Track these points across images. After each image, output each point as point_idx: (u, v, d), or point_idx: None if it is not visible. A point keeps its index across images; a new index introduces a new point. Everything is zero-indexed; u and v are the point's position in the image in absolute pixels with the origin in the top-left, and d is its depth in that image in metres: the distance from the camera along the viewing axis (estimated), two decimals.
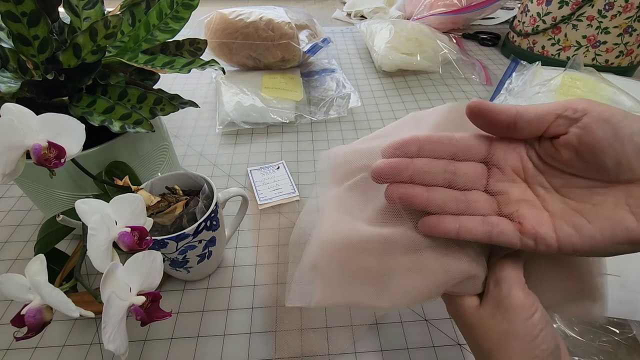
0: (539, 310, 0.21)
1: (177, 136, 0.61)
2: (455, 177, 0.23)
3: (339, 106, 0.66)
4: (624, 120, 0.18)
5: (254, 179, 0.52)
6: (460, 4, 0.88)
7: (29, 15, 0.30)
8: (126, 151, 0.38)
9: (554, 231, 0.20)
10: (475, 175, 0.23)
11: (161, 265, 0.26)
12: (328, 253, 0.24)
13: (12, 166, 0.26)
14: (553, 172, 0.21)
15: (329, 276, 0.24)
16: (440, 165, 0.23)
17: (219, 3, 1.08)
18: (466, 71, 0.76)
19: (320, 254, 0.25)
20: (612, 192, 0.19)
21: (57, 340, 0.35)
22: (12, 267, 0.42)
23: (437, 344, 0.35)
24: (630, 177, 0.19)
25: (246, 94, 0.64)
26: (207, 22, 0.68)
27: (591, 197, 0.20)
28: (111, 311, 0.23)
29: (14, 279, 0.23)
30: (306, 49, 0.68)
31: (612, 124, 0.19)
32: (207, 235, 0.35)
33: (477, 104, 0.22)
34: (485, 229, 0.21)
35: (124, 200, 0.27)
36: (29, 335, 0.23)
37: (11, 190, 0.51)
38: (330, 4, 1.24)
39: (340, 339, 0.35)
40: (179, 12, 0.39)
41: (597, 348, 0.33)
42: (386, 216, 0.25)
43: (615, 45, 0.69)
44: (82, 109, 0.33)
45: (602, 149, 0.19)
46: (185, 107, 0.40)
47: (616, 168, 0.19)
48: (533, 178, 0.22)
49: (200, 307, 0.38)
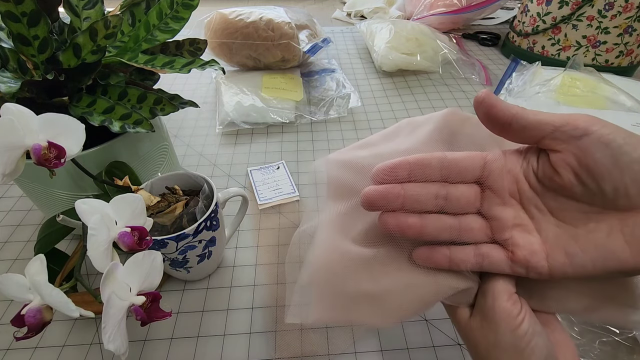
0: (526, 321, 0.21)
1: (177, 136, 0.61)
2: (447, 203, 0.23)
3: (339, 106, 0.66)
4: (625, 146, 0.18)
5: (254, 179, 0.52)
6: (460, 4, 0.88)
7: (29, 15, 0.30)
8: (126, 151, 0.38)
9: (546, 259, 0.20)
10: (467, 199, 0.23)
11: (161, 265, 0.26)
12: (324, 273, 0.24)
13: (12, 166, 0.26)
14: (549, 194, 0.21)
15: (325, 296, 0.24)
16: (432, 190, 0.23)
17: (219, 3, 1.08)
18: (466, 71, 0.76)
19: (315, 274, 0.24)
20: (607, 218, 0.19)
21: (57, 340, 0.35)
22: (12, 267, 0.42)
23: (437, 344, 0.35)
24: (626, 205, 0.18)
25: (246, 94, 0.64)
26: (207, 22, 0.68)
27: (586, 222, 0.20)
28: (111, 311, 0.23)
29: (14, 279, 0.23)
30: (306, 49, 0.68)
31: (612, 149, 0.18)
32: (207, 235, 0.35)
33: (484, 95, 0.21)
34: (475, 260, 0.22)
35: (124, 200, 0.27)
36: (29, 335, 0.23)
37: (11, 190, 0.51)
38: (330, 4, 1.24)
39: (340, 339, 0.35)
40: (179, 12, 0.39)
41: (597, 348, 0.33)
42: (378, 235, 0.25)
43: (615, 45, 0.69)
44: (82, 109, 0.33)
45: (601, 174, 0.18)
46: (185, 107, 0.40)
47: (614, 194, 0.18)
48: (528, 200, 0.22)
49: (200, 307, 0.38)
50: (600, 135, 0.18)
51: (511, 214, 0.22)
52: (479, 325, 0.22)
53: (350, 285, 0.24)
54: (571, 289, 0.23)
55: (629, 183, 0.18)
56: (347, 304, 0.24)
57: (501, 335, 0.21)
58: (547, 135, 0.20)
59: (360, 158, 0.27)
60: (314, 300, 0.25)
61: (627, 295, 0.23)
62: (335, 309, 0.24)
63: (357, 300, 0.24)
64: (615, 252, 0.18)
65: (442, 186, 0.23)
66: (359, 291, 0.24)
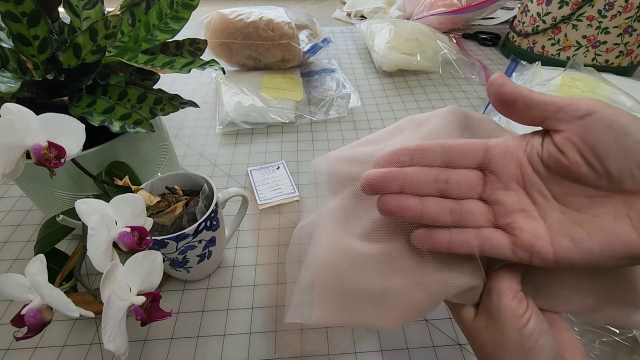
0: (532, 320, 0.20)
1: (177, 136, 0.61)
2: (448, 186, 0.22)
3: (339, 106, 0.66)
4: (629, 127, 0.18)
5: (254, 179, 0.52)
6: (460, 4, 0.88)
7: (29, 15, 0.30)
8: (126, 151, 0.38)
9: (551, 244, 0.19)
10: (469, 184, 0.22)
11: (161, 265, 0.26)
12: (325, 272, 0.24)
13: (12, 166, 0.26)
14: (553, 179, 0.20)
15: (327, 296, 0.24)
16: (432, 174, 0.22)
17: (219, 3, 1.08)
18: (466, 71, 0.76)
19: (318, 273, 0.24)
20: (613, 202, 0.19)
21: (57, 340, 0.35)
22: (12, 267, 0.42)
23: (437, 344, 0.35)
24: (632, 187, 0.18)
25: (246, 94, 0.64)
26: (207, 22, 0.68)
27: (591, 207, 0.19)
28: (111, 311, 0.23)
29: (14, 279, 0.23)
30: (306, 49, 0.68)
31: (615, 130, 0.18)
32: (207, 235, 0.35)
33: (497, 75, 0.22)
34: (477, 242, 0.21)
35: (124, 200, 0.27)
36: (29, 335, 0.23)
37: (11, 190, 0.51)
38: (330, 4, 1.24)
39: (340, 339, 0.35)
40: (179, 12, 0.39)
41: (597, 348, 0.33)
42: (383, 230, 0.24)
43: (615, 45, 0.69)
44: (82, 109, 0.33)
45: (605, 154, 0.18)
46: (185, 107, 0.40)
47: (620, 175, 0.18)
48: (532, 185, 0.21)
49: (200, 307, 0.38)
50: (603, 116, 0.18)
51: (514, 199, 0.21)
52: (484, 325, 0.22)
53: (356, 283, 0.23)
54: (576, 289, 0.23)
55: (634, 165, 0.18)
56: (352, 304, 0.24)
57: (507, 335, 0.20)
58: (550, 115, 0.20)
59: (363, 152, 0.26)
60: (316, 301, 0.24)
61: (631, 295, 0.22)
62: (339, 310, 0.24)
63: (363, 300, 0.23)
64: (622, 236, 0.18)
65: (443, 170, 0.22)
66: (365, 289, 0.23)
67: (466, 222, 0.22)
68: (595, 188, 0.19)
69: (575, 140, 0.19)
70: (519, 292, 0.22)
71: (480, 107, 0.67)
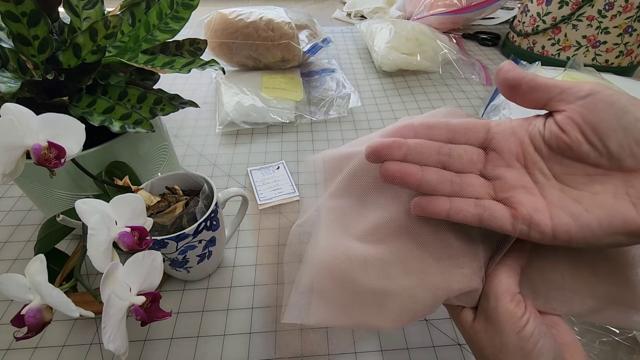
0: (531, 322, 0.20)
1: (177, 136, 0.61)
2: (450, 159, 0.23)
3: (339, 106, 0.66)
4: (630, 106, 0.18)
5: (254, 179, 0.52)
6: (460, 4, 0.88)
7: (29, 15, 0.30)
8: (126, 151, 0.38)
9: (550, 218, 0.20)
10: (471, 159, 0.23)
11: (161, 265, 0.26)
12: (325, 274, 0.24)
13: (12, 166, 0.26)
14: (554, 157, 0.21)
15: (327, 298, 0.24)
16: (435, 146, 0.23)
17: (219, 3, 1.08)
18: (466, 71, 0.76)
19: (317, 275, 0.24)
20: (612, 180, 0.19)
21: (57, 340, 0.35)
22: (12, 267, 0.42)
23: (437, 344, 0.35)
24: (632, 165, 0.18)
25: (246, 94, 0.64)
26: (207, 22, 0.68)
27: (591, 185, 0.20)
28: (111, 311, 0.23)
29: (14, 279, 0.23)
30: (306, 49, 0.68)
31: (616, 108, 0.18)
32: (207, 235, 0.35)
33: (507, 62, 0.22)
34: (476, 211, 0.21)
35: (124, 200, 0.27)
36: (29, 335, 0.23)
37: (11, 190, 0.51)
38: (330, 4, 1.24)
39: (340, 339, 0.35)
40: (179, 12, 0.39)
41: (597, 348, 0.33)
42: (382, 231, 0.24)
43: (615, 45, 0.69)
44: (82, 109, 0.33)
45: (606, 132, 0.18)
46: (185, 107, 0.40)
47: (620, 153, 0.18)
48: (533, 163, 0.21)
49: (200, 307, 0.38)
50: (605, 95, 0.19)
51: (515, 176, 0.22)
52: (483, 328, 0.22)
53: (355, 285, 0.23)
54: (575, 291, 0.23)
55: (634, 142, 0.18)
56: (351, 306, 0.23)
57: (506, 338, 0.20)
58: (554, 97, 0.20)
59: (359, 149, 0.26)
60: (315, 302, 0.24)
61: (630, 297, 0.22)
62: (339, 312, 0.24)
63: (362, 301, 0.23)
64: (621, 212, 0.18)
65: (445, 145, 0.23)
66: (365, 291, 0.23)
67: (466, 193, 0.22)
68: (595, 166, 0.19)
69: (577, 118, 0.19)
70: (517, 295, 0.22)
71: (480, 107, 0.67)
